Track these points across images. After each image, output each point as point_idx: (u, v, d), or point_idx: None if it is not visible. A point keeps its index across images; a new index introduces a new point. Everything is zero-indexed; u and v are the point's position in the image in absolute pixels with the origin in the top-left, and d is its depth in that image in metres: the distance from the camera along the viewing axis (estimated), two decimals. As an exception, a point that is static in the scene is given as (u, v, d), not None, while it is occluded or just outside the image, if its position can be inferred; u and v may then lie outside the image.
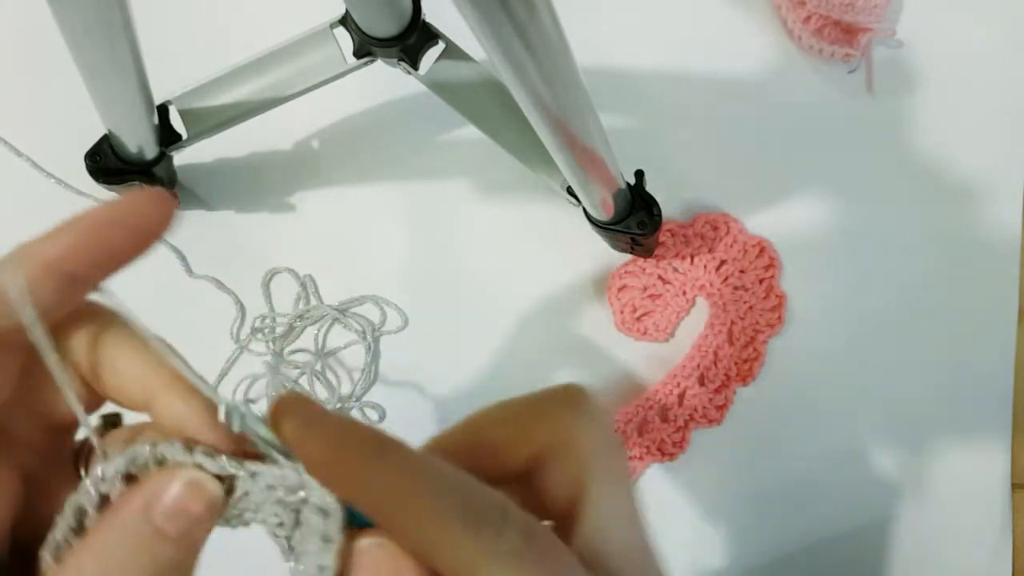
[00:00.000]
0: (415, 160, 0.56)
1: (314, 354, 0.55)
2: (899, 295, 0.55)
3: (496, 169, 0.54)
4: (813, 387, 0.55)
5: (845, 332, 0.55)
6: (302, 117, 0.55)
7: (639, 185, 0.48)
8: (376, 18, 0.43)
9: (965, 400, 0.55)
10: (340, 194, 0.56)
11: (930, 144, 0.57)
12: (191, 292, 0.55)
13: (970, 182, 0.56)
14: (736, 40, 0.58)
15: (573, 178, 0.43)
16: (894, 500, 0.54)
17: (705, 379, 0.54)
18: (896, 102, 0.57)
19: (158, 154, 0.48)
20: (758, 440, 0.54)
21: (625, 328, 0.54)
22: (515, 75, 0.31)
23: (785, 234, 0.55)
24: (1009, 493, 0.54)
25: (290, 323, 0.54)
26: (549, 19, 0.29)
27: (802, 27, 0.56)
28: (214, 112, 0.47)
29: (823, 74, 0.57)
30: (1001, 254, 0.56)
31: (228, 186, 0.56)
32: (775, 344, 0.54)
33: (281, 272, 0.55)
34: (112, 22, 0.34)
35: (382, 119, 0.56)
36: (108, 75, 0.38)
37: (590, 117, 0.38)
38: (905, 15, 0.58)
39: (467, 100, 0.48)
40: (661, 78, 0.57)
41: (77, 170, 0.48)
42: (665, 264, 0.54)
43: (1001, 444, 0.55)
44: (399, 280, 0.55)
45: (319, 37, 0.46)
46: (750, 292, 0.54)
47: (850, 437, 0.54)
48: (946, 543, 0.54)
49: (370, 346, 0.54)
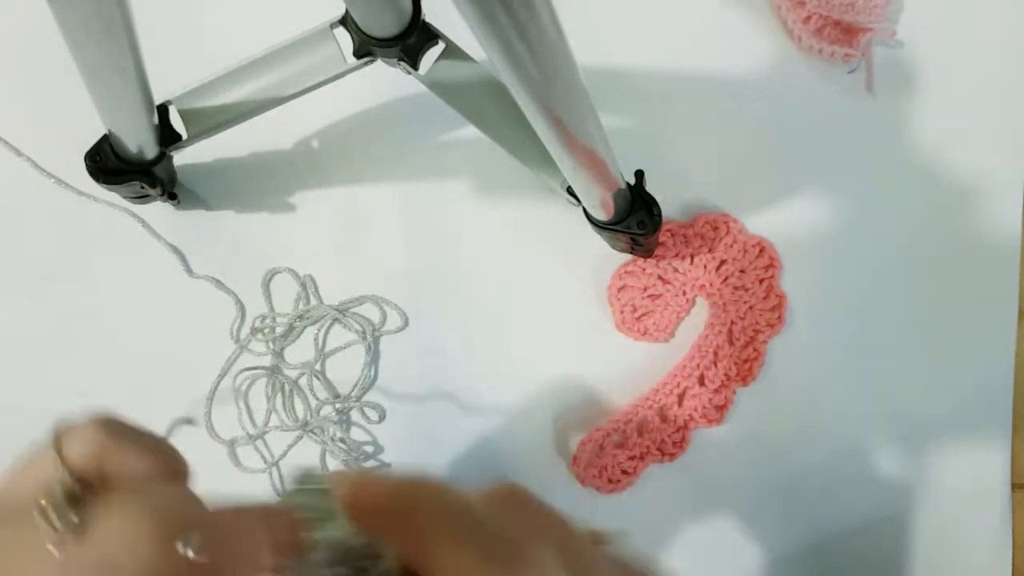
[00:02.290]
0: (415, 160, 0.56)
1: (314, 354, 0.55)
2: (899, 295, 0.55)
3: (496, 169, 0.54)
4: (813, 387, 0.55)
5: (845, 332, 0.55)
6: (302, 117, 0.55)
7: (639, 185, 0.48)
8: (376, 18, 0.43)
9: (965, 400, 0.55)
10: (340, 194, 0.56)
11: (930, 144, 0.57)
12: (191, 292, 0.55)
13: (970, 182, 0.56)
14: (736, 40, 0.58)
15: (573, 178, 0.43)
16: (894, 500, 0.54)
17: (705, 379, 0.54)
18: (896, 102, 0.57)
19: (158, 154, 0.48)
20: (758, 440, 0.54)
21: (625, 328, 0.54)
22: (515, 75, 0.31)
23: (785, 234, 0.55)
24: (1009, 493, 0.54)
25: (290, 323, 0.54)
26: (549, 19, 0.29)
27: (802, 27, 0.56)
28: (214, 112, 0.47)
29: (823, 74, 0.57)
30: (1001, 254, 0.56)
31: (228, 186, 0.56)
32: (775, 344, 0.54)
33: (281, 272, 0.55)
34: (112, 22, 0.34)
35: (382, 119, 0.56)
36: (108, 75, 0.38)
37: (590, 117, 0.38)
38: (905, 15, 0.58)
39: (467, 100, 0.48)
40: (661, 78, 0.57)
41: (77, 170, 0.48)
42: (665, 264, 0.54)
43: (1001, 444, 0.55)
44: (399, 280, 0.55)
45: (319, 37, 0.46)
46: (750, 292, 0.54)
47: (850, 437, 0.54)
48: (946, 543, 0.54)
49: (370, 346, 0.54)
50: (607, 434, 0.53)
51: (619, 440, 0.53)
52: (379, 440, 0.54)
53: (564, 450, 0.54)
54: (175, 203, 0.54)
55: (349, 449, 0.53)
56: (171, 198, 0.53)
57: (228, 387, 0.54)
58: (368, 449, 0.54)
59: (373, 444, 0.54)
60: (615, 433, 0.53)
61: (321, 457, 0.54)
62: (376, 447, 0.54)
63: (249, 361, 0.55)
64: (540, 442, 0.54)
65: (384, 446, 0.54)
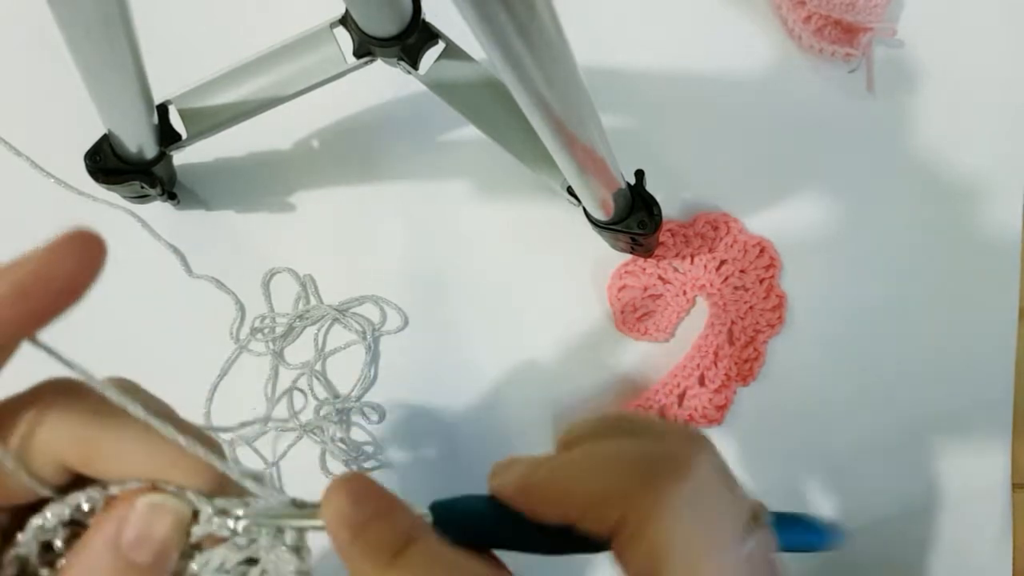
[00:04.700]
0: (415, 160, 0.56)
1: (314, 354, 0.55)
2: (899, 295, 0.55)
3: (496, 169, 0.54)
4: (813, 387, 0.54)
5: (845, 332, 0.55)
6: (302, 117, 0.55)
7: (639, 185, 0.48)
8: (376, 18, 0.43)
9: (965, 400, 0.55)
10: (340, 194, 0.56)
11: (930, 144, 0.57)
12: (191, 292, 0.55)
13: (970, 182, 0.56)
14: (736, 40, 0.58)
15: (573, 178, 0.43)
16: (894, 500, 0.54)
17: (705, 379, 0.54)
18: (896, 102, 0.57)
19: (158, 154, 0.48)
20: (758, 440, 0.54)
21: (625, 328, 0.54)
22: (515, 75, 0.31)
23: (785, 234, 0.55)
24: (1009, 493, 0.54)
25: (290, 323, 0.54)
26: (549, 19, 0.29)
27: (802, 27, 0.56)
28: (214, 112, 0.47)
29: (823, 74, 0.57)
30: (1001, 254, 0.56)
31: (228, 186, 0.56)
32: (775, 344, 0.54)
33: (281, 272, 0.55)
34: (112, 22, 0.34)
35: (382, 119, 0.56)
36: (108, 75, 0.38)
37: (590, 117, 0.38)
38: (905, 15, 0.58)
39: (467, 100, 0.48)
40: (661, 78, 0.57)
41: (77, 170, 0.48)
42: (665, 264, 0.54)
43: (1001, 444, 0.54)
44: (399, 280, 0.55)
45: (319, 37, 0.46)
46: (750, 292, 0.54)
47: (850, 437, 0.54)
48: (946, 543, 0.54)
49: (370, 346, 0.54)
50: (607, 434, 0.53)
51: (619, 440, 0.53)
52: (379, 440, 0.54)
53: (564, 450, 0.54)
54: (175, 203, 0.54)
55: (349, 449, 0.53)
56: (171, 198, 0.53)
57: (228, 387, 0.54)
58: (368, 449, 0.54)
59: (373, 444, 0.54)
60: (615, 433, 0.53)
61: (321, 457, 0.54)
62: (376, 447, 0.54)
63: (249, 361, 0.55)
64: (540, 442, 0.54)
65: (384, 446, 0.54)
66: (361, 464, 0.53)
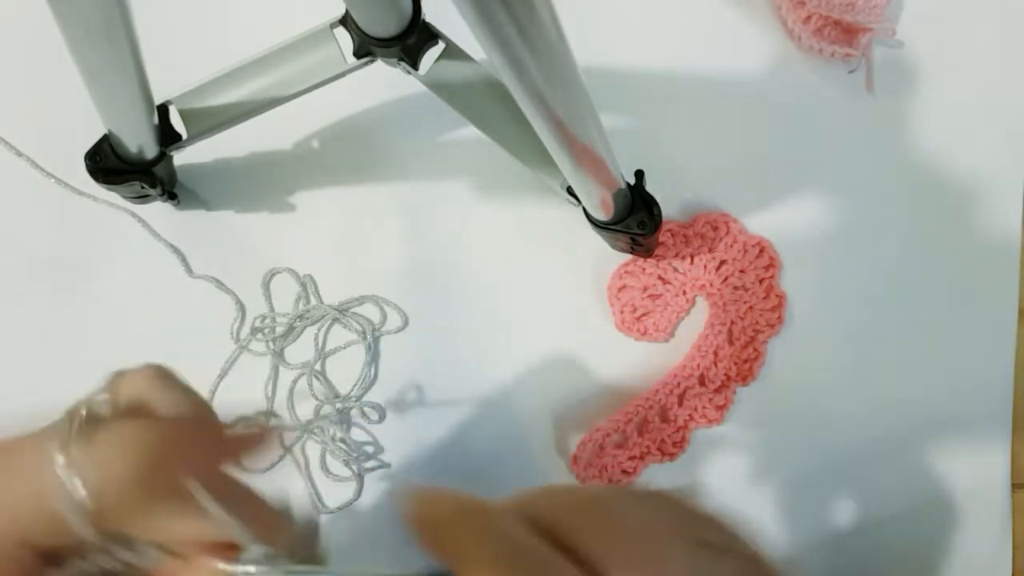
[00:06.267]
0: (415, 160, 0.56)
1: (314, 354, 0.55)
2: (899, 295, 0.55)
3: (496, 169, 0.54)
4: (813, 387, 0.55)
5: (845, 332, 0.55)
6: (302, 117, 0.55)
7: (639, 185, 0.48)
8: (376, 18, 0.43)
9: (965, 400, 0.55)
10: (340, 194, 0.56)
11: (930, 144, 0.57)
12: (191, 292, 0.55)
13: (970, 182, 0.56)
14: (736, 40, 0.58)
15: (573, 178, 0.43)
16: (894, 500, 0.54)
17: (705, 379, 0.54)
18: (896, 102, 0.57)
19: (158, 154, 0.48)
20: (758, 440, 0.54)
21: (625, 328, 0.54)
22: (515, 75, 0.31)
23: (785, 234, 0.55)
24: (1009, 493, 0.54)
25: (290, 323, 0.54)
26: (549, 19, 0.29)
27: (802, 27, 0.56)
28: (214, 112, 0.47)
29: (823, 74, 0.57)
30: (1001, 254, 0.56)
31: (228, 186, 0.56)
32: (775, 344, 0.54)
33: (281, 272, 0.55)
34: (112, 22, 0.34)
35: (382, 119, 0.56)
36: (108, 75, 0.38)
37: (590, 117, 0.38)
38: (905, 15, 0.58)
39: (467, 100, 0.48)
40: (661, 78, 0.57)
41: (77, 170, 0.48)
42: (665, 264, 0.54)
43: (1001, 444, 0.55)
44: (399, 280, 0.55)
45: (319, 37, 0.46)
46: (750, 292, 0.54)
47: (849, 437, 0.54)
48: (946, 543, 0.54)
49: (370, 346, 0.54)
50: (607, 434, 0.53)
51: (619, 440, 0.53)
52: (379, 440, 0.54)
53: (564, 450, 0.54)
54: (175, 203, 0.54)
55: (349, 449, 0.53)
56: (171, 198, 0.53)
57: (228, 387, 0.54)
58: (368, 449, 0.54)
59: (373, 444, 0.54)
60: (615, 433, 0.53)
61: (321, 457, 0.54)
62: (376, 447, 0.54)
63: (249, 361, 0.55)
64: (540, 442, 0.54)
65: (384, 446, 0.54)
66: (361, 464, 0.53)
